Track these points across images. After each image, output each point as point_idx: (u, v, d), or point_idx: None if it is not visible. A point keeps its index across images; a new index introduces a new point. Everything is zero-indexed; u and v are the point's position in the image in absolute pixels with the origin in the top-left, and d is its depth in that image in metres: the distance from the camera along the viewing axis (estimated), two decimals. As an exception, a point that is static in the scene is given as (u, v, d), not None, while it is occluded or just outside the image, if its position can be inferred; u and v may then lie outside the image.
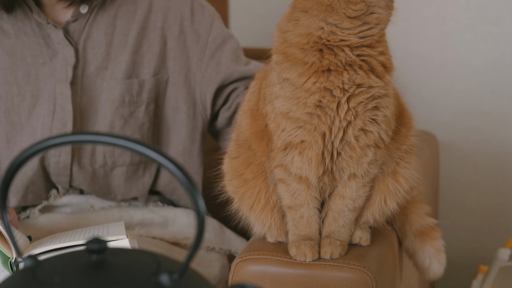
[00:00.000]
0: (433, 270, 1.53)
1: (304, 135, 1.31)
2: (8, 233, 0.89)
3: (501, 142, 2.33)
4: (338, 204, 1.36)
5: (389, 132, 1.34)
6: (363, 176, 1.34)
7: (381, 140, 1.33)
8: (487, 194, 2.37)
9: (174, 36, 1.71)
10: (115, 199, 1.75)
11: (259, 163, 1.39)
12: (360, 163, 1.33)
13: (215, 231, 1.78)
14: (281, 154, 1.34)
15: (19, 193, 1.69)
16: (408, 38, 2.30)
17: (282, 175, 1.35)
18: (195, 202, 0.80)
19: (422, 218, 1.53)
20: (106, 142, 0.82)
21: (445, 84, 2.33)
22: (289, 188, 1.35)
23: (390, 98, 1.32)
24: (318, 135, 1.30)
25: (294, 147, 1.32)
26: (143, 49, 1.70)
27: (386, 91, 1.30)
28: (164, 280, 0.80)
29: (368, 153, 1.32)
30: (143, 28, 1.70)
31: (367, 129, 1.31)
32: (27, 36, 1.68)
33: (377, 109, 1.30)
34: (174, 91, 1.72)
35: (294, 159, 1.33)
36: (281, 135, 1.33)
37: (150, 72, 1.70)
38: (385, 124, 1.32)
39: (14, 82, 1.68)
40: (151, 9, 1.71)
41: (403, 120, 1.39)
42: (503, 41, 2.28)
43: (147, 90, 1.69)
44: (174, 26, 1.71)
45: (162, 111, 1.73)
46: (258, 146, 1.39)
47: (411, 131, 1.39)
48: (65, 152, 1.68)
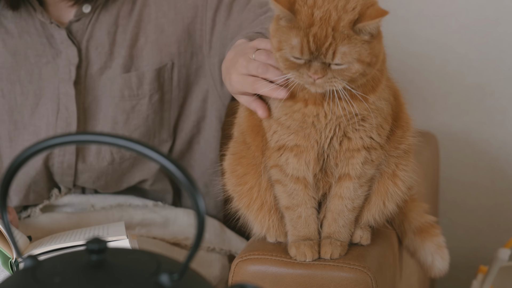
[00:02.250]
0: (437, 266, 1.52)
1: (298, 140, 1.31)
2: (8, 233, 0.89)
3: (501, 142, 2.33)
4: (337, 205, 1.36)
5: (382, 134, 1.34)
6: (360, 177, 1.34)
7: (373, 142, 1.33)
8: (487, 194, 2.37)
9: (171, 21, 1.69)
10: (120, 188, 1.75)
11: (251, 157, 1.39)
12: (350, 164, 1.33)
13: (215, 231, 1.78)
14: (275, 155, 1.34)
15: (21, 192, 1.69)
16: (408, 38, 2.30)
17: (278, 176, 1.35)
18: (195, 202, 0.80)
19: (421, 216, 1.53)
20: (106, 142, 0.82)
21: (445, 84, 2.33)
22: (286, 189, 1.35)
23: (378, 110, 1.30)
24: (313, 141, 1.30)
25: (289, 149, 1.32)
26: (140, 42, 1.69)
27: (371, 109, 1.29)
28: (164, 280, 0.80)
29: (356, 155, 1.32)
30: (138, 22, 1.69)
31: (350, 137, 1.31)
32: (30, 35, 1.67)
33: (363, 120, 1.30)
34: (183, 72, 1.71)
35: (289, 161, 1.33)
36: (274, 136, 1.33)
37: (151, 64, 1.69)
38: (375, 129, 1.31)
39: (17, 81, 1.68)
40: (145, 2, 1.69)
41: (399, 122, 1.38)
42: (503, 41, 2.28)
43: (148, 82, 1.68)
44: (169, 12, 1.69)
45: (171, 96, 1.71)
46: (253, 140, 1.38)
47: (407, 132, 1.39)
48: (69, 152, 1.68)
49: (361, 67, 1.20)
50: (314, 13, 1.19)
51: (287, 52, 1.21)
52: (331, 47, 1.19)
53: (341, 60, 1.19)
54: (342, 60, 1.19)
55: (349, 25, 1.19)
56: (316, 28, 1.19)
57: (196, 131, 1.77)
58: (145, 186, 1.78)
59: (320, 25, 1.19)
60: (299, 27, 1.20)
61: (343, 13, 1.19)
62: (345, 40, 1.19)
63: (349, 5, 1.20)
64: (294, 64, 1.22)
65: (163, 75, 1.70)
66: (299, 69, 1.21)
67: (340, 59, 1.19)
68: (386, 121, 1.33)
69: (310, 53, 1.20)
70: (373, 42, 1.21)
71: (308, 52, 1.20)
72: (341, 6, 1.20)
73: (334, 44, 1.19)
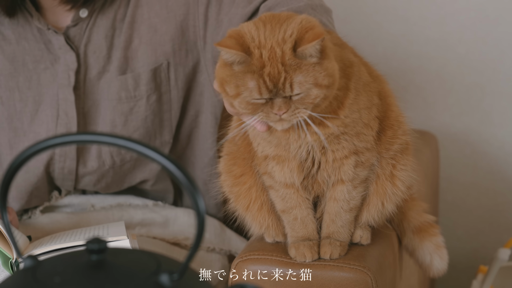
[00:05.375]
0: (435, 266, 1.52)
1: (278, 151, 1.33)
2: (8, 233, 0.89)
3: (501, 142, 2.33)
4: (333, 207, 1.36)
5: (365, 139, 1.34)
6: (353, 180, 1.35)
7: (358, 148, 1.33)
8: (487, 194, 2.37)
9: (163, 19, 1.68)
10: (121, 189, 1.75)
11: (247, 159, 1.40)
12: (342, 171, 1.33)
13: (215, 231, 1.77)
14: (263, 163, 1.36)
15: (23, 199, 1.69)
16: (408, 38, 2.30)
17: (269, 182, 1.37)
18: (195, 202, 0.80)
19: (420, 215, 1.53)
20: (106, 142, 0.82)
21: (445, 84, 2.33)
22: (279, 194, 1.36)
23: (353, 121, 1.31)
24: (294, 152, 1.32)
25: (272, 158, 1.34)
26: (134, 43, 1.68)
27: (345, 123, 1.29)
28: (164, 280, 0.80)
29: (345, 162, 1.33)
30: (131, 23, 1.68)
31: (332, 149, 1.31)
32: (28, 41, 1.67)
33: (342, 134, 1.31)
34: (180, 71, 1.70)
35: (274, 169, 1.35)
36: (258, 147, 1.35)
37: (146, 64, 1.68)
38: (355, 138, 1.32)
39: (16, 88, 1.67)
40: (138, 3, 1.69)
41: (387, 122, 1.38)
42: (503, 41, 2.28)
43: (145, 83, 1.68)
44: (161, 11, 1.69)
45: (170, 96, 1.71)
46: (241, 143, 1.40)
47: (399, 130, 1.39)
48: (70, 158, 1.67)
49: (320, 91, 1.22)
50: (263, 54, 1.22)
51: (247, 96, 1.23)
52: (287, 81, 1.21)
53: (299, 89, 1.21)
54: (301, 89, 1.21)
55: (292, 54, 1.21)
56: (268, 68, 1.21)
57: (194, 125, 1.76)
58: (146, 186, 1.78)
59: (270, 64, 1.21)
60: (253, 70, 1.22)
61: (284, 44, 1.22)
62: (296, 70, 1.21)
63: (287, 33, 1.22)
64: (256, 105, 1.23)
65: (160, 75, 1.69)
66: (263, 109, 1.23)
67: (298, 89, 1.21)
68: (368, 127, 1.33)
69: (269, 92, 1.21)
70: (323, 63, 1.22)
71: (267, 91, 1.21)
72: (281, 39, 1.22)
73: (289, 77, 1.21)
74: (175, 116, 1.72)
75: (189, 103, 1.74)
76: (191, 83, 1.72)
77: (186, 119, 1.75)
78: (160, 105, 1.70)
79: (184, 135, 1.76)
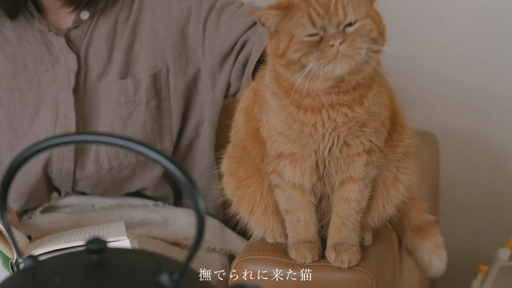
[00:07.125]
0: (434, 266, 1.53)
1: (294, 148, 1.32)
2: (9, 233, 0.89)
3: (501, 142, 2.33)
4: (344, 209, 1.35)
5: (380, 137, 1.34)
6: (364, 178, 1.34)
7: (372, 146, 1.33)
8: (487, 194, 2.37)
9: (165, 25, 1.68)
10: (120, 194, 1.75)
11: (253, 162, 1.40)
12: (351, 168, 1.33)
13: (215, 231, 1.78)
14: (275, 162, 1.35)
15: (22, 200, 1.69)
16: (408, 38, 2.30)
17: (277, 181, 1.36)
18: (195, 202, 0.80)
19: (420, 215, 1.54)
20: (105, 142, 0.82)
21: (445, 84, 2.33)
22: (285, 193, 1.36)
23: (374, 114, 1.31)
24: (311, 150, 1.31)
25: (285, 156, 1.33)
26: (136, 47, 1.68)
27: (369, 113, 1.29)
28: (164, 280, 0.80)
29: (356, 159, 1.32)
30: (134, 27, 1.68)
31: (350, 143, 1.31)
32: (29, 43, 1.67)
33: (363, 125, 1.31)
34: (180, 78, 1.71)
35: (285, 167, 1.34)
36: (273, 144, 1.34)
37: (146, 69, 1.68)
38: (373, 133, 1.32)
39: (17, 89, 1.67)
40: (141, 7, 1.69)
41: (395, 126, 1.38)
42: (503, 41, 2.28)
43: (144, 88, 1.68)
44: (163, 16, 1.69)
45: (170, 103, 1.71)
46: (252, 147, 1.39)
47: (403, 134, 1.39)
48: (68, 160, 1.67)
49: (373, 24, 1.19)
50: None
51: (300, 35, 1.19)
52: (338, 3, 1.18)
53: (353, 13, 1.18)
54: (355, 13, 1.18)
55: None
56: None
57: (195, 135, 1.77)
58: (146, 193, 1.78)
59: None
60: (299, 7, 1.20)
61: None
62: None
63: None
64: (311, 43, 1.19)
65: (159, 80, 1.69)
66: (319, 47, 1.19)
67: (352, 10, 1.18)
68: (384, 125, 1.34)
69: (322, 19, 1.18)
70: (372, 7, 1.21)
71: (320, 19, 1.18)
72: None
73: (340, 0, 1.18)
74: (175, 124, 1.72)
75: (190, 112, 1.74)
76: (192, 91, 1.72)
77: (187, 128, 1.75)
78: (159, 111, 1.70)
79: (185, 144, 1.77)
